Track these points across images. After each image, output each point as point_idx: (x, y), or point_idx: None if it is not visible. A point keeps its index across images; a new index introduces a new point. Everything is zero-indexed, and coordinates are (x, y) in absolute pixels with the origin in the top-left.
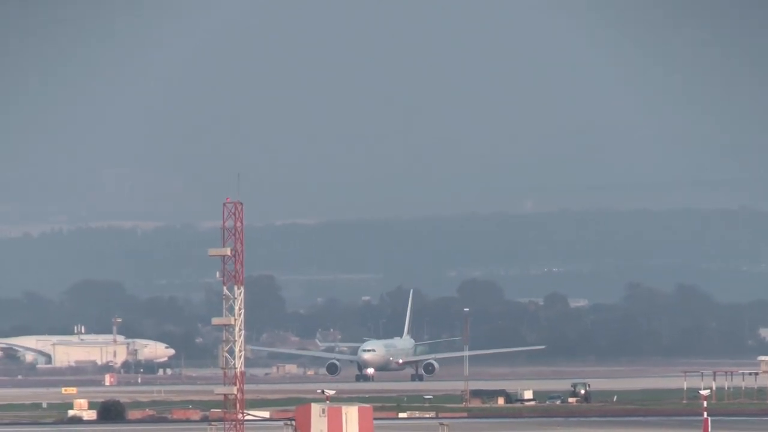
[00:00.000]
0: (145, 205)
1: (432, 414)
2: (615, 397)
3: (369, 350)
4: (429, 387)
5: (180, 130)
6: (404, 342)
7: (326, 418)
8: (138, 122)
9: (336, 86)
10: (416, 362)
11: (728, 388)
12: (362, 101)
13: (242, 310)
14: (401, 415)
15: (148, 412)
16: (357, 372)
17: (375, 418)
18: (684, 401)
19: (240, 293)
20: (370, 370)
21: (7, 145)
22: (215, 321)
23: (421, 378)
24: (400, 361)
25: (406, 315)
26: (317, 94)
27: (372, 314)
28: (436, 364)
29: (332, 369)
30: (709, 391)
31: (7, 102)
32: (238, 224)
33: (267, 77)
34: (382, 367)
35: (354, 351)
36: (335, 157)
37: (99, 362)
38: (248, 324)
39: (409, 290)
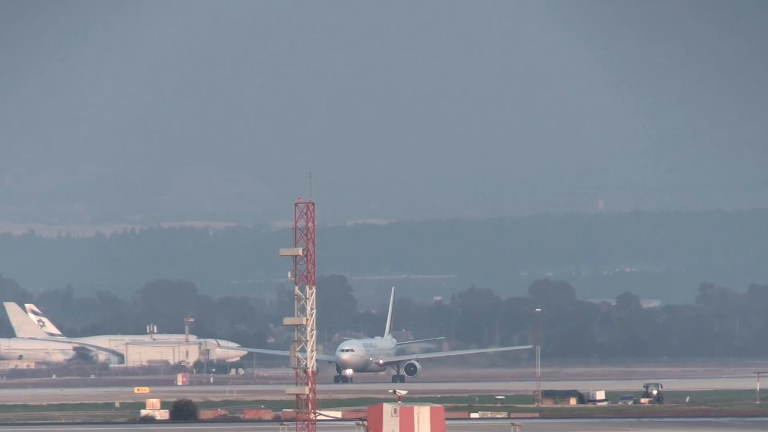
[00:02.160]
0: (218, 205)
1: (504, 414)
2: (687, 397)
3: (347, 350)
4: (409, 388)
5: (253, 131)
6: (385, 342)
7: (398, 418)
8: (211, 123)
9: (406, 86)
10: (397, 363)
11: None
12: (436, 102)
13: (314, 310)
14: (473, 415)
15: (220, 411)
16: (336, 373)
17: (447, 419)
18: (757, 402)
19: (312, 293)
20: (349, 371)
21: (79, 146)
22: (287, 321)
23: (402, 379)
24: (381, 361)
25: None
26: (388, 93)
27: (444, 314)
28: (417, 365)
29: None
30: None
31: (72, 101)
32: (310, 224)
33: (334, 78)
34: (362, 368)
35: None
36: (408, 158)
37: (171, 362)
38: (320, 324)
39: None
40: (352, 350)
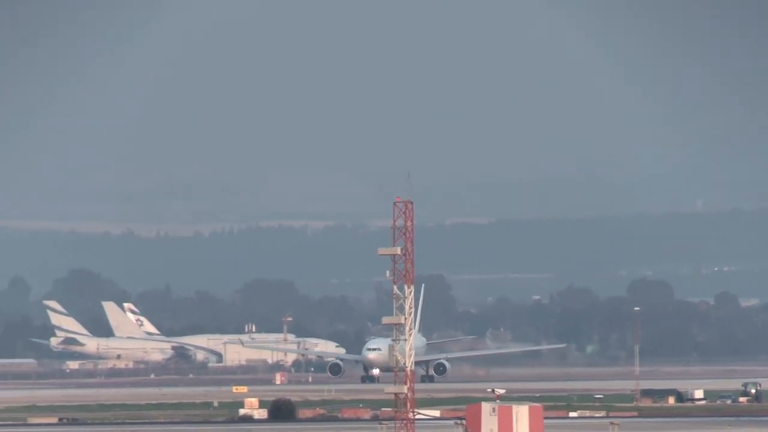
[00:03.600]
0: (316, 204)
1: (602, 413)
2: None
3: (374, 349)
4: (439, 388)
5: (352, 130)
6: (414, 340)
7: (496, 417)
8: (309, 122)
9: (506, 84)
10: (426, 362)
11: None
12: (534, 101)
13: (413, 310)
14: (571, 414)
15: (319, 411)
16: (362, 373)
17: (545, 418)
18: None
19: (410, 292)
20: (376, 371)
21: (181, 145)
22: (385, 320)
23: (431, 379)
24: None
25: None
26: (487, 91)
27: (542, 314)
28: (447, 364)
29: (335, 369)
30: None
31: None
32: (409, 223)
33: (432, 76)
34: (389, 368)
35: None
36: (506, 157)
37: (270, 361)
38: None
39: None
40: (379, 349)
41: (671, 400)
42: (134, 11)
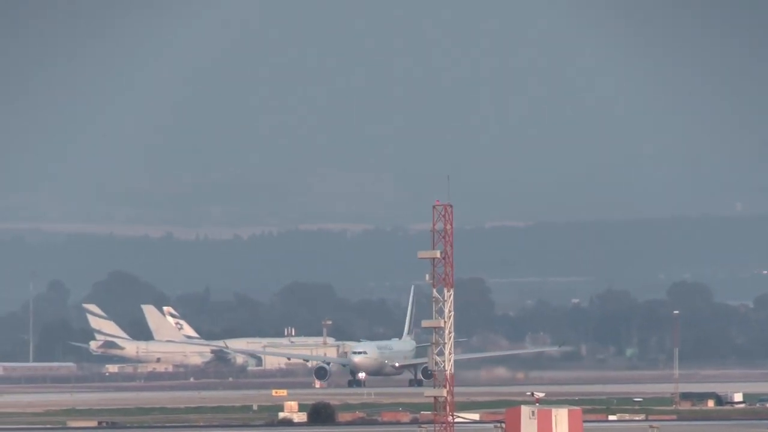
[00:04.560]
0: (355, 207)
1: (642, 416)
2: None
3: (360, 353)
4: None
5: (391, 132)
6: (402, 343)
7: (536, 420)
8: (347, 126)
9: (541, 88)
10: (415, 366)
11: None
12: (570, 103)
13: (452, 313)
14: (611, 417)
15: (358, 414)
16: (350, 377)
17: (584, 421)
18: None
19: (450, 296)
20: (362, 375)
21: (220, 148)
22: (425, 323)
23: (420, 383)
24: (397, 364)
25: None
26: (525, 95)
27: (581, 317)
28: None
29: (321, 373)
30: None
31: (209, 102)
32: (448, 227)
33: (471, 79)
34: (376, 372)
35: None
36: (545, 160)
37: (309, 364)
38: (458, 326)
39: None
40: (365, 353)
41: (710, 404)
42: (169, 11)
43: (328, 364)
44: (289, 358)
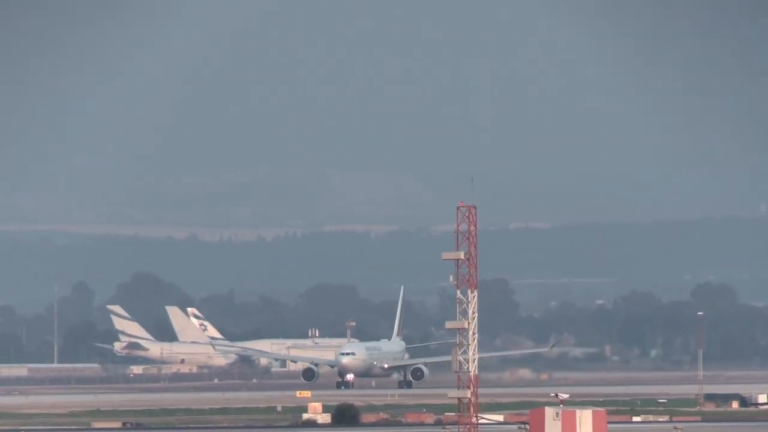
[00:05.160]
0: (379, 209)
1: (666, 418)
2: None
3: (348, 354)
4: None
5: (414, 133)
6: (391, 345)
7: (560, 421)
8: (371, 127)
9: (565, 91)
10: (404, 367)
11: None
12: (594, 105)
13: (476, 314)
14: (635, 418)
15: (382, 415)
16: (338, 378)
17: (608, 422)
18: None
19: (474, 297)
20: (350, 376)
21: (242, 150)
22: (449, 324)
23: (409, 385)
24: (385, 365)
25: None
26: (549, 97)
27: (606, 318)
28: (425, 369)
29: (308, 375)
30: None
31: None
32: (472, 228)
33: (495, 80)
34: (364, 373)
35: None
36: (569, 161)
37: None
38: (482, 328)
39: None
40: (353, 354)
41: (735, 405)
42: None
43: (316, 365)
44: (276, 359)
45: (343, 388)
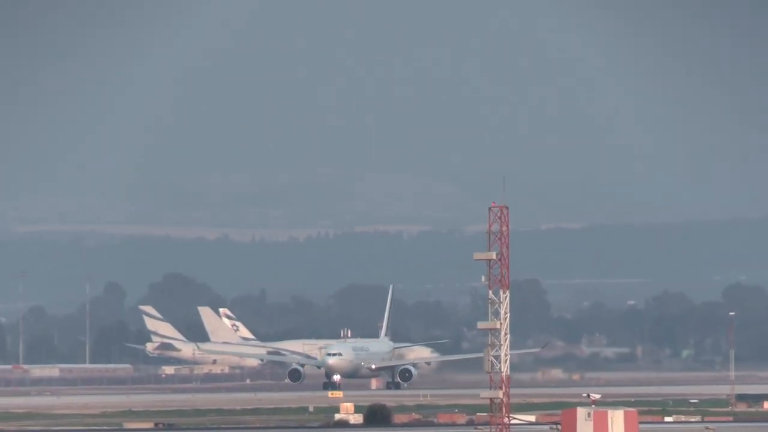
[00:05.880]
0: (411, 209)
1: (698, 418)
2: None
3: (334, 354)
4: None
5: (446, 134)
6: (379, 345)
7: (592, 422)
8: (404, 126)
9: (597, 91)
10: (392, 368)
11: None
12: (630, 105)
13: (508, 314)
14: (667, 419)
15: (414, 416)
16: (325, 379)
17: (640, 422)
18: None
19: (505, 297)
20: (337, 377)
21: (273, 150)
22: (481, 325)
23: (397, 386)
24: (373, 366)
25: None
26: (581, 98)
27: (637, 319)
28: (413, 370)
29: (294, 375)
30: None
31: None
32: (504, 228)
33: (528, 82)
34: (351, 374)
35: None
36: (600, 161)
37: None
38: (513, 328)
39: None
40: (340, 354)
41: (766, 405)
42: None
43: (302, 365)
44: (262, 360)
45: (329, 389)
